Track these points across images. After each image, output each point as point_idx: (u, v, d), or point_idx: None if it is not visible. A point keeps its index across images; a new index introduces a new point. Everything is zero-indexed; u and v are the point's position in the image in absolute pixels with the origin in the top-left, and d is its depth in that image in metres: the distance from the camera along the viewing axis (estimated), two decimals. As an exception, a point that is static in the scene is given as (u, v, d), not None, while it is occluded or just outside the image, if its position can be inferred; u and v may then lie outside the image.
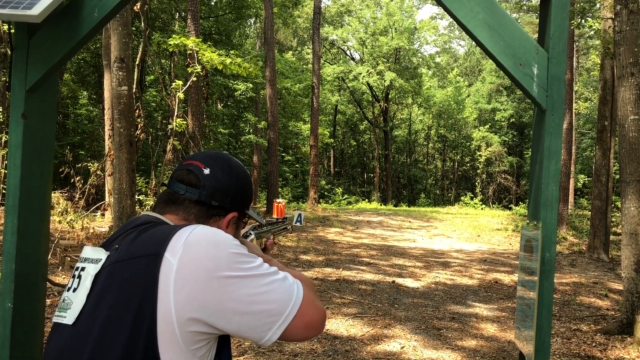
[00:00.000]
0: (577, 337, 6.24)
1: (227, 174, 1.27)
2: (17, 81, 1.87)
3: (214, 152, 1.34)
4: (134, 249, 1.08)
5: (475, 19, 1.79)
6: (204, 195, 1.23)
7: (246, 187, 1.33)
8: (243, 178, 1.32)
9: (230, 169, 1.29)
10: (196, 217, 1.24)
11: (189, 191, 1.23)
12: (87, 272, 1.11)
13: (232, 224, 1.31)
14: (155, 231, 1.12)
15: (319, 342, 5.60)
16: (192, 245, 1.05)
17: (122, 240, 1.14)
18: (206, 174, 1.24)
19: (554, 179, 1.79)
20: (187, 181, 1.25)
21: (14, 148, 1.87)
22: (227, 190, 1.26)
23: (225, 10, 23.88)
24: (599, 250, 12.79)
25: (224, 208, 1.27)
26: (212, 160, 1.28)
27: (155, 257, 1.04)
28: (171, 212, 1.25)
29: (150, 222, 1.19)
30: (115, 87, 7.97)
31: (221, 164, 1.28)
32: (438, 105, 40.93)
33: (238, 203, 1.30)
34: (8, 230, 1.86)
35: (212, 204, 1.24)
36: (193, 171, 1.25)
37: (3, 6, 1.65)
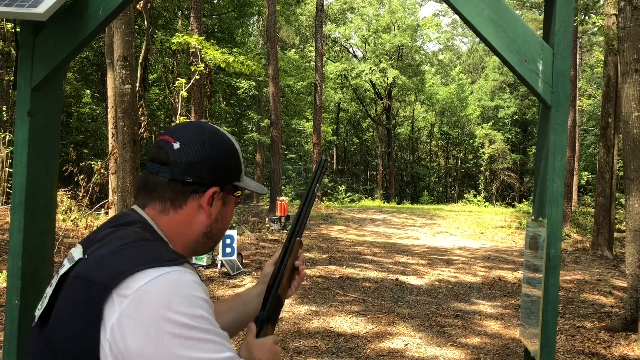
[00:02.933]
0: (581, 334, 6.23)
1: (200, 144, 1.12)
2: (23, 79, 1.88)
3: (189, 122, 1.20)
4: (95, 269, 0.96)
5: (480, 15, 1.79)
6: (175, 173, 1.10)
7: (226, 157, 1.16)
8: (221, 146, 1.16)
9: (203, 138, 1.14)
10: (172, 201, 1.12)
11: (161, 170, 1.11)
12: (60, 272, 1.03)
13: (217, 199, 1.16)
14: (123, 251, 0.98)
15: (323, 340, 5.61)
16: (143, 299, 0.90)
17: (97, 245, 1.03)
18: (176, 149, 1.11)
19: (559, 175, 1.78)
20: (158, 159, 1.12)
21: (20, 146, 1.88)
22: (201, 162, 1.11)
23: (228, 8, 23.88)
24: (603, 247, 12.76)
25: (202, 184, 1.12)
26: (183, 131, 1.14)
27: (103, 292, 0.91)
28: (149, 205, 1.13)
29: (128, 225, 1.08)
30: (119, 86, 7.98)
31: (193, 135, 1.13)
32: (441, 103, 40.87)
33: (219, 176, 1.15)
34: (14, 228, 1.87)
35: (186, 181, 1.11)
36: (163, 147, 1.12)
37: (9, 4, 1.65)
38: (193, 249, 1.18)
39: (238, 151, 1.21)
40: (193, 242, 1.16)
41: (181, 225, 1.14)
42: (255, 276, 8.53)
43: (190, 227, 1.15)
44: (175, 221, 1.13)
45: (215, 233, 1.19)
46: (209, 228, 1.17)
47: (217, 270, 8.69)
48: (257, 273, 8.77)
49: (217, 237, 1.21)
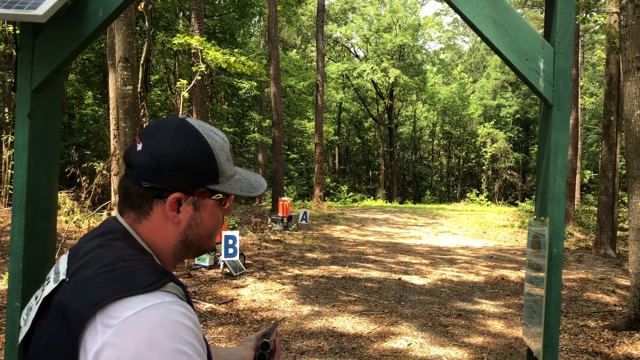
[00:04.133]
0: (584, 333, 6.21)
1: (161, 144, 0.99)
2: (23, 81, 1.88)
3: (164, 119, 1.08)
4: (74, 297, 0.90)
5: (480, 14, 1.78)
6: (135, 177, 1.01)
7: (192, 158, 1.01)
8: (187, 147, 1.01)
9: (167, 136, 1.00)
10: (139, 208, 1.03)
11: (127, 173, 1.03)
12: (44, 291, 0.97)
13: (185, 205, 1.03)
14: (103, 275, 0.91)
15: (326, 340, 5.60)
16: (125, 335, 0.84)
17: (76, 265, 0.96)
18: (138, 151, 1.01)
19: (561, 174, 1.78)
20: (126, 162, 1.04)
21: (20, 148, 1.88)
22: (158, 164, 0.99)
23: (229, 9, 23.88)
24: (606, 246, 12.74)
25: (163, 188, 1.01)
26: (149, 131, 1.03)
27: (81, 321, 0.87)
28: (125, 212, 1.05)
29: (108, 234, 1.01)
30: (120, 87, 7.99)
31: (158, 134, 1.01)
32: (443, 102, 40.84)
33: (182, 179, 1.01)
34: (15, 230, 1.87)
35: (144, 186, 1.00)
36: (130, 149, 1.04)
37: (8, 6, 1.65)
38: (175, 258, 1.09)
39: (214, 150, 1.05)
40: (173, 252, 1.07)
41: (155, 233, 1.04)
42: (258, 276, 8.53)
43: (164, 235, 1.05)
44: (150, 229, 1.04)
45: (193, 240, 1.08)
46: (183, 236, 1.06)
47: (219, 270, 8.69)
48: (259, 273, 8.77)
49: (199, 244, 1.10)
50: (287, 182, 32.48)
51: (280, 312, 6.62)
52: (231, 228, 11.44)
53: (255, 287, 7.84)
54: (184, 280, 8.06)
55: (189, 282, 7.97)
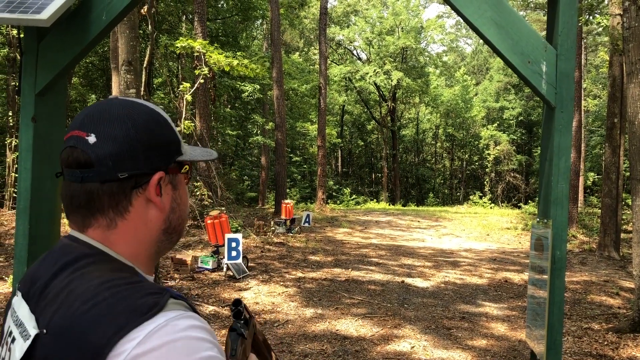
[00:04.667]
0: (588, 336, 6.19)
1: (120, 127, 0.87)
2: (27, 85, 1.89)
3: (92, 105, 0.93)
4: (65, 349, 0.75)
5: (482, 17, 1.78)
6: (104, 172, 0.86)
7: (158, 130, 0.91)
8: (147, 120, 0.90)
9: (119, 116, 0.88)
10: (114, 208, 0.88)
11: (85, 175, 0.86)
12: (13, 352, 0.82)
13: (164, 185, 0.93)
14: (91, 309, 0.76)
15: (329, 343, 5.60)
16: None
17: (50, 309, 0.80)
18: (93, 143, 0.86)
19: (564, 176, 1.78)
20: (75, 162, 0.87)
21: (25, 151, 1.89)
22: (131, 149, 0.87)
23: (232, 12, 23.94)
24: (610, 248, 12.70)
25: (142, 173, 0.89)
26: (92, 120, 0.88)
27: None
28: (90, 225, 0.89)
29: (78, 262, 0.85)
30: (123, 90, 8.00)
31: (105, 119, 0.88)
32: (446, 104, 40.82)
33: (157, 157, 0.91)
34: (20, 234, 1.87)
35: (121, 177, 0.87)
36: (76, 146, 0.86)
37: (12, 11, 1.66)
38: (157, 253, 0.96)
39: (167, 118, 0.95)
40: (155, 245, 0.94)
41: (136, 232, 0.91)
42: (261, 279, 8.53)
43: (147, 229, 0.92)
44: (129, 231, 0.90)
45: (175, 225, 0.97)
46: (167, 222, 0.95)
47: (222, 273, 8.69)
48: (262, 276, 8.77)
49: (180, 229, 0.99)
50: (290, 184, 32.51)
51: (284, 315, 6.62)
52: (234, 231, 11.45)
53: (259, 290, 7.84)
54: (187, 283, 8.07)
55: (192, 284, 7.98)
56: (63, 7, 1.72)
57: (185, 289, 7.66)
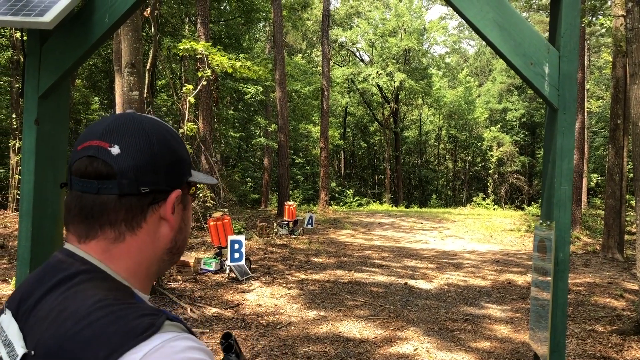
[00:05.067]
0: (592, 338, 6.17)
1: (145, 141, 0.86)
2: (30, 87, 1.89)
3: (112, 117, 0.91)
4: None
5: (485, 19, 1.78)
6: (125, 185, 0.83)
7: (176, 148, 0.91)
8: (166, 137, 0.90)
9: (144, 131, 0.87)
10: (128, 222, 0.86)
11: (103, 186, 0.83)
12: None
13: (177, 205, 0.92)
14: (84, 329, 0.72)
15: (332, 345, 5.59)
16: None
17: (39, 329, 0.77)
18: (116, 154, 0.83)
19: (567, 178, 1.77)
20: (95, 172, 0.84)
21: (28, 154, 1.89)
22: (154, 163, 0.86)
23: (235, 14, 23.98)
24: (614, 250, 12.66)
25: (161, 190, 0.88)
26: (115, 131, 0.86)
27: None
28: (96, 237, 0.86)
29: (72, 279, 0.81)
30: (127, 92, 8.02)
31: (128, 132, 0.86)
32: (448, 106, 40.82)
33: (176, 174, 0.90)
34: (23, 236, 1.88)
35: (142, 192, 0.85)
36: (97, 156, 0.84)
37: (16, 13, 1.67)
38: (156, 273, 0.94)
39: (180, 136, 0.95)
40: (156, 264, 0.92)
41: (142, 248, 0.89)
42: (264, 281, 8.53)
43: (153, 247, 0.90)
44: (134, 247, 0.87)
45: (180, 245, 0.96)
46: (173, 242, 0.93)
47: (225, 275, 8.69)
48: (265, 278, 8.77)
49: (182, 250, 0.98)
50: (293, 186, 32.51)
51: (286, 317, 6.61)
52: (237, 233, 11.45)
53: (261, 292, 7.84)
54: (189, 285, 8.07)
55: (195, 286, 7.98)
56: (66, 9, 1.72)
57: (188, 291, 7.67)
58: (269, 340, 5.69)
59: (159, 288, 7.36)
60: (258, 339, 5.70)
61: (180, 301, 6.99)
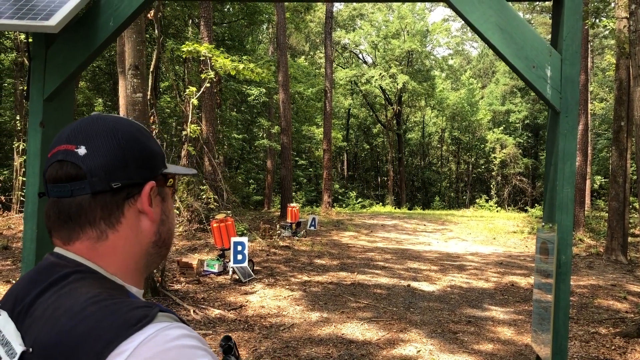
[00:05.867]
0: (595, 340, 6.16)
1: (110, 138, 0.88)
2: (35, 90, 1.91)
3: (76, 122, 0.94)
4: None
5: (487, 22, 1.79)
6: (97, 183, 0.86)
7: (146, 143, 0.93)
8: (134, 134, 0.92)
9: (106, 129, 0.89)
10: (106, 220, 0.88)
11: (75, 188, 0.86)
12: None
13: (154, 197, 0.94)
14: (79, 324, 0.74)
15: (335, 347, 5.59)
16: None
17: (35, 327, 0.79)
18: (83, 155, 0.86)
19: (569, 181, 1.78)
20: (65, 176, 0.86)
21: (33, 156, 1.91)
22: (122, 159, 0.88)
23: (238, 16, 24.03)
24: (617, 252, 12.63)
25: (134, 184, 0.90)
26: (80, 133, 0.89)
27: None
28: (78, 239, 0.88)
29: (64, 279, 0.84)
30: (130, 94, 8.05)
31: (94, 132, 0.89)
32: (451, 108, 40.80)
33: (147, 167, 0.92)
34: (27, 237, 1.89)
35: (114, 187, 0.87)
36: (65, 159, 0.87)
37: (22, 17, 1.68)
38: (147, 267, 0.96)
39: (150, 132, 0.98)
40: (144, 258, 0.94)
41: (127, 243, 0.91)
42: (266, 283, 8.54)
43: (138, 241, 0.92)
44: (119, 244, 0.90)
45: (165, 237, 0.98)
46: (157, 234, 0.95)
47: (228, 277, 8.70)
48: (268, 279, 8.78)
49: (169, 242, 1.00)
50: (296, 188, 32.51)
51: (289, 319, 6.62)
52: (240, 234, 11.47)
53: (264, 294, 7.85)
54: (192, 286, 8.08)
55: (198, 288, 7.99)
56: (71, 13, 1.73)
57: (191, 292, 7.68)
58: (271, 341, 5.70)
59: (162, 289, 7.37)
60: (261, 341, 5.71)
61: (184, 302, 7.00)
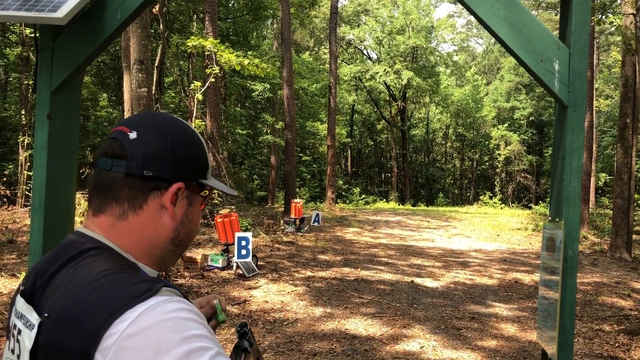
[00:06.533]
0: (599, 338, 6.15)
1: (161, 134, 0.97)
2: (43, 82, 1.91)
3: (146, 112, 1.05)
4: (63, 333, 0.81)
5: (495, 16, 1.78)
6: (132, 166, 0.94)
7: (191, 150, 1.01)
8: (184, 139, 1.00)
9: (162, 128, 0.99)
10: (130, 201, 0.96)
11: (115, 164, 0.95)
12: (23, 342, 0.88)
13: (181, 198, 1.00)
14: (89, 294, 0.82)
15: (338, 342, 5.60)
16: (126, 349, 0.76)
17: (52, 297, 0.87)
18: (132, 139, 0.95)
19: (576, 175, 1.77)
20: (112, 152, 0.96)
21: (40, 149, 1.91)
22: (163, 154, 0.96)
23: (243, 12, 24.01)
24: (621, 250, 12.60)
25: (163, 179, 0.97)
26: (140, 121, 0.99)
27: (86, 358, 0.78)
28: (105, 211, 0.97)
29: (82, 254, 0.91)
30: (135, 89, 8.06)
31: (151, 124, 0.99)
32: (456, 104, 40.71)
33: (182, 170, 0.99)
34: (34, 229, 1.90)
35: (145, 175, 0.95)
36: (117, 138, 0.97)
37: (29, 9, 1.68)
38: (162, 260, 1.02)
39: (203, 145, 1.06)
40: (161, 251, 1.00)
41: (144, 230, 0.97)
42: (270, 278, 8.55)
43: (156, 231, 0.98)
44: (136, 226, 0.97)
45: (183, 238, 1.03)
46: (175, 232, 1.01)
47: (232, 271, 8.72)
48: (272, 275, 8.80)
49: (186, 243, 1.05)
50: (300, 184, 32.54)
51: (293, 314, 6.63)
52: (244, 229, 11.49)
53: (268, 289, 7.86)
54: (196, 281, 8.11)
55: (202, 282, 8.02)
56: (79, 5, 1.73)
57: (195, 287, 7.71)
58: (275, 336, 5.71)
59: (167, 284, 7.38)
60: (265, 335, 5.72)
61: (188, 297, 7.02)
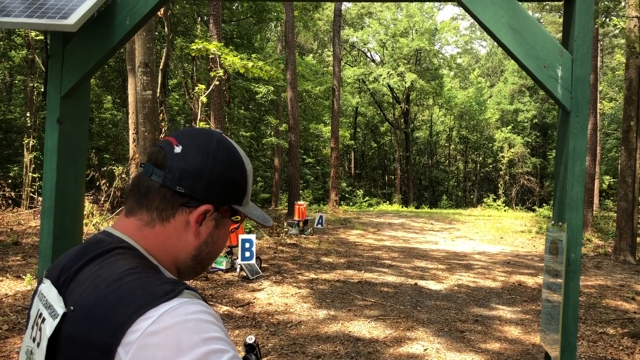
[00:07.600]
0: (603, 341, 6.15)
1: (203, 154, 0.99)
2: (53, 88, 1.94)
3: (201, 129, 1.07)
4: (88, 326, 0.84)
5: (499, 22, 1.80)
6: (169, 179, 0.97)
7: (231, 175, 1.02)
8: (227, 162, 1.01)
9: (209, 148, 1.00)
10: (160, 212, 0.98)
11: (155, 173, 0.98)
12: (44, 330, 0.90)
13: (209, 219, 1.02)
14: (115, 290, 0.85)
15: (342, 344, 5.62)
16: (148, 346, 0.78)
17: (78, 291, 0.90)
18: (176, 152, 0.98)
19: (579, 180, 1.79)
20: (155, 160, 1.00)
21: (50, 152, 1.94)
22: (199, 173, 0.97)
23: (247, 14, 24.06)
24: (626, 252, 12.58)
25: (194, 197, 0.98)
26: (190, 136, 1.01)
27: (107, 353, 0.80)
28: (136, 214, 1.00)
29: (107, 253, 0.94)
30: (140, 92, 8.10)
31: (199, 142, 1.00)
32: (459, 107, 40.69)
33: (216, 193, 1.00)
34: (44, 232, 1.93)
35: (178, 190, 0.97)
36: (164, 148, 1.00)
37: (40, 16, 1.71)
38: (181, 273, 1.05)
39: (247, 173, 1.06)
40: (181, 264, 1.03)
41: (167, 241, 1.00)
42: (274, 280, 8.58)
43: (178, 246, 1.01)
44: (161, 236, 0.99)
45: (204, 257, 1.05)
46: (198, 250, 1.03)
47: (236, 274, 8.75)
48: (275, 277, 8.82)
49: (207, 263, 1.07)
50: (303, 186, 32.55)
51: (296, 316, 6.65)
52: (248, 232, 11.52)
53: (272, 291, 7.88)
54: (200, 283, 8.13)
55: (206, 285, 8.04)
56: (89, 12, 1.77)
57: (199, 289, 7.73)
58: (279, 339, 5.73)
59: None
60: (268, 338, 5.74)
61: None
